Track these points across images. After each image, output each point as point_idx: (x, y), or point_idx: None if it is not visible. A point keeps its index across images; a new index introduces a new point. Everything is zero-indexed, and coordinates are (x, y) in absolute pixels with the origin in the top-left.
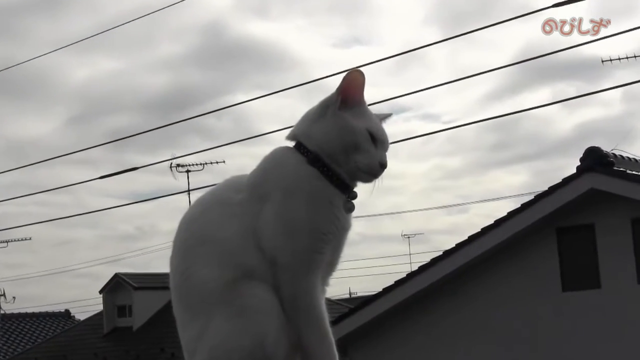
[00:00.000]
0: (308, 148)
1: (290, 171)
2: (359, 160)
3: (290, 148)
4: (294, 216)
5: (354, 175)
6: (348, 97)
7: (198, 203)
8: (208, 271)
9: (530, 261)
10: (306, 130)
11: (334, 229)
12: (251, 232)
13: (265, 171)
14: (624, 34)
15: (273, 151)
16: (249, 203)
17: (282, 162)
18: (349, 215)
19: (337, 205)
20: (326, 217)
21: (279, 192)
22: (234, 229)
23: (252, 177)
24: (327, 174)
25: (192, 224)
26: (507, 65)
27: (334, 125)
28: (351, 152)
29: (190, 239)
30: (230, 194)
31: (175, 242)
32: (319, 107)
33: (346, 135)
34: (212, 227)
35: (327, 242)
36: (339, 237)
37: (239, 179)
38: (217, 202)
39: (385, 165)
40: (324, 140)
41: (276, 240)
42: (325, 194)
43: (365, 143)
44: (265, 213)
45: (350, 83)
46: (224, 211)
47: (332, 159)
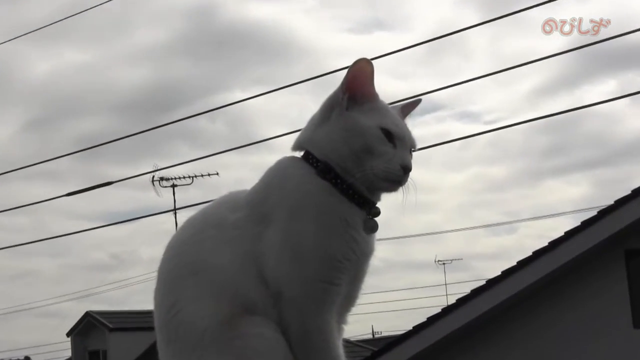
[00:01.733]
0: (317, 157)
1: (298, 185)
2: (374, 166)
3: (297, 158)
4: (302, 240)
5: (373, 186)
6: (356, 92)
7: (187, 225)
8: (201, 306)
9: (593, 291)
10: (311, 136)
11: (352, 255)
12: (252, 260)
13: (268, 186)
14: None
15: (277, 162)
16: (249, 224)
17: (288, 174)
18: (371, 236)
19: (355, 225)
20: (342, 240)
21: (285, 211)
22: (231, 255)
23: (252, 193)
24: (341, 187)
25: (181, 250)
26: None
27: (340, 128)
28: (364, 157)
29: (179, 268)
30: (226, 214)
31: (161, 272)
32: (323, 107)
33: (355, 138)
34: (204, 254)
35: (344, 271)
36: (358, 265)
37: (236, 195)
38: (211, 224)
39: (408, 167)
40: (331, 146)
41: (282, 269)
42: (340, 211)
43: (379, 144)
44: (269, 236)
45: (357, 75)
46: (218, 234)
47: (344, 168)
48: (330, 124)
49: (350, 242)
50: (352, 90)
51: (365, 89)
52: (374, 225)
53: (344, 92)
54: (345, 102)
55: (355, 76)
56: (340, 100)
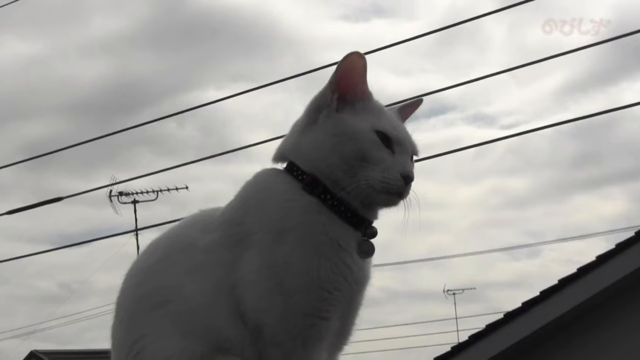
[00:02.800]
0: (302, 169)
1: (280, 202)
2: (370, 176)
3: (279, 171)
4: (286, 267)
5: (369, 200)
6: (346, 91)
7: (151, 248)
8: (167, 344)
9: (631, 327)
10: (294, 144)
11: (344, 283)
12: (226, 290)
13: (246, 203)
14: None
15: (256, 175)
16: (224, 248)
17: (269, 189)
18: (367, 261)
19: (347, 248)
20: (332, 266)
21: (265, 233)
22: (203, 284)
23: (227, 211)
24: (331, 203)
25: (144, 279)
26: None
27: (328, 133)
28: (358, 166)
29: (141, 300)
30: (197, 236)
31: (120, 304)
32: (308, 110)
33: (346, 144)
34: (171, 282)
35: (335, 303)
36: (351, 295)
37: (209, 214)
38: (179, 247)
39: (410, 176)
40: (318, 155)
41: (262, 301)
42: (330, 232)
43: (375, 150)
44: (246, 262)
45: (347, 71)
46: (188, 260)
47: (334, 180)
48: (317, 129)
49: (342, 269)
50: (342, 88)
51: (357, 87)
52: (370, 248)
53: (332, 91)
54: (334, 102)
55: (345, 73)
56: (329, 100)
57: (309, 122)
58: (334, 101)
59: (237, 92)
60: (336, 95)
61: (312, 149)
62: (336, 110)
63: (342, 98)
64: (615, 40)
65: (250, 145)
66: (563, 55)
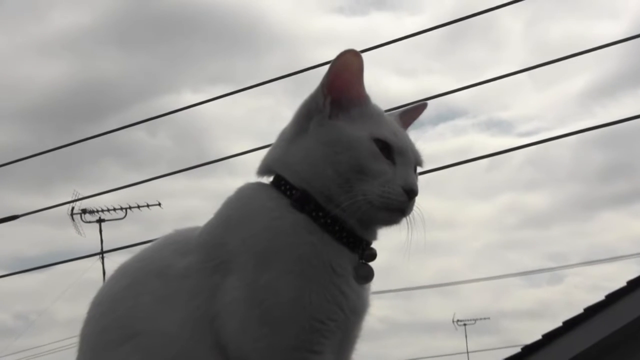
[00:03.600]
0: (291, 183)
1: (266, 221)
2: (368, 190)
3: (265, 185)
4: (273, 295)
5: (367, 218)
6: (341, 95)
7: (120, 274)
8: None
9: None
10: (282, 155)
11: (339, 313)
12: (205, 321)
13: (227, 222)
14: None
15: (239, 190)
16: (202, 274)
17: (253, 207)
18: (365, 288)
19: (343, 273)
20: (326, 294)
21: (249, 256)
22: (178, 315)
23: (206, 231)
24: (324, 221)
25: (111, 308)
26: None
27: (320, 142)
28: (354, 179)
29: (108, 332)
30: (172, 259)
31: (84, 337)
32: (297, 116)
33: (341, 154)
34: (142, 313)
35: (328, 335)
36: (347, 326)
37: (185, 234)
38: (151, 272)
39: (413, 190)
40: (309, 167)
41: (246, 334)
42: (323, 255)
43: (373, 160)
44: (228, 290)
45: (341, 72)
46: (161, 286)
47: (327, 196)
48: (308, 138)
49: (336, 296)
50: (336, 91)
51: (352, 90)
52: (369, 273)
53: (324, 94)
54: (326, 107)
55: (339, 73)
56: (320, 105)
57: (299, 130)
58: (327, 106)
59: (216, 95)
60: (329, 99)
61: (302, 160)
62: (329, 116)
63: (335, 102)
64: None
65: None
66: (589, 53)
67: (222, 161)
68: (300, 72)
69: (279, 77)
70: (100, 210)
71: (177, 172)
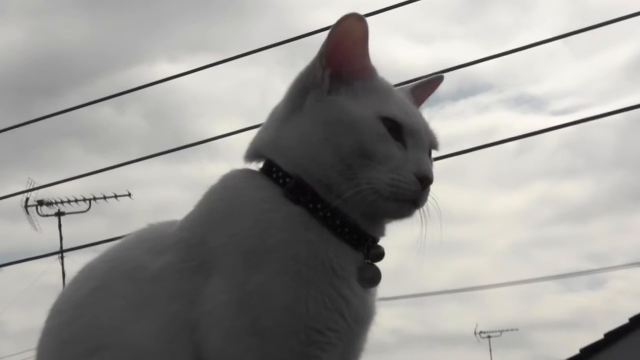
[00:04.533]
0: (284, 170)
1: (255, 214)
2: (374, 178)
3: (253, 172)
4: (263, 300)
5: (372, 210)
6: (342, 66)
7: (84, 276)
8: None
9: None
10: (274, 137)
11: (339, 321)
12: (184, 330)
13: (210, 216)
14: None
15: (223, 178)
16: (180, 275)
17: (240, 198)
18: (371, 292)
19: (345, 275)
20: (325, 299)
21: (236, 256)
22: (152, 323)
23: (185, 226)
24: (322, 215)
25: (74, 316)
26: None
27: (318, 122)
28: (358, 164)
29: (71, 344)
30: (145, 258)
31: (42, 351)
32: (291, 92)
33: (342, 136)
34: (110, 321)
35: (327, 347)
36: (350, 337)
37: (160, 230)
38: (121, 274)
39: (428, 177)
40: (305, 151)
41: (231, 345)
42: (321, 253)
43: (380, 143)
44: (211, 294)
45: (342, 40)
46: (133, 290)
47: (327, 184)
48: (303, 117)
49: (337, 302)
50: (336, 63)
51: (355, 61)
52: (375, 275)
53: (323, 66)
54: (325, 81)
55: (340, 42)
56: (318, 78)
57: (293, 108)
58: (326, 80)
59: (197, 66)
60: (328, 71)
61: (296, 143)
62: (328, 91)
63: (336, 75)
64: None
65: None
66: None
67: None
68: (295, 39)
69: (271, 46)
70: (59, 201)
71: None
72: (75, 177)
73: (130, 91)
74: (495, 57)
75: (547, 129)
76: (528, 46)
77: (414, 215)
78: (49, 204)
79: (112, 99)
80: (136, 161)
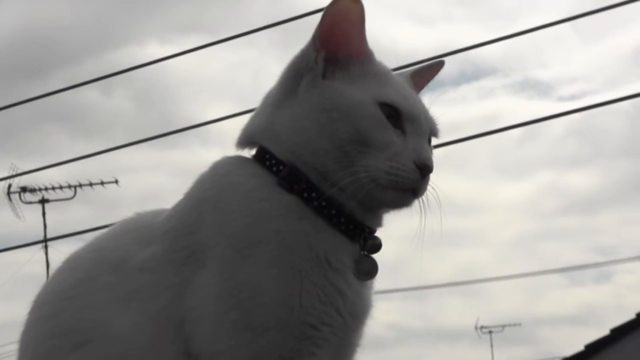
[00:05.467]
0: (277, 157)
1: (247, 204)
2: (371, 166)
3: (246, 160)
4: (255, 293)
5: (369, 199)
6: (337, 49)
7: (68, 266)
8: None
9: None
10: (267, 124)
11: (334, 316)
12: (172, 324)
13: (200, 205)
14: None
15: (214, 166)
16: (169, 267)
17: (232, 186)
18: (367, 285)
19: (340, 267)
20: (319, 292)
21: (226, 246)
22: (138, 317)
23: (174, 215)
24: (317, 204)
25: (58, 308)
26: None
27: (313, 107)
28: (355, 152)
29: (54, 338)
30: (132, 249)
31: (25, 345)
32: (285, 77)
33: (338, 122)
34: (95, 315)
35: (321, 343)
36: (345, 332)
37: (148, 219)
38: (107, 265)
39: (427, 165)
40: (300, 138)
41: (221, 341)
42: (316, 245)
43: (378, 129)
44: (200, 287)
45: (337, 21)
46: (119, 282)
47: (322, 173)
48: (298, 103)
49: (332, 295)
50: (331, 45)
51: (351, 44)
52: (372, 267)
53: (317, 48)
54: (320, 65)
55: (334, 23)
56: (312, 62)
57: (286, 93)
58: (320, 63)
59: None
60: (322, 54)
61: (290, 129)
62: (323, 75)
63: (331, 59)
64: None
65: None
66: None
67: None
68: (291, 20)
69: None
70: (43, 188)
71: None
72: (60, 163)
73: (118, 73)
74: (500, 40)
75: (553, 115)
76: (534, 29)
77: (413, 205)
78: (32, 190)
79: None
80: (124, 147)
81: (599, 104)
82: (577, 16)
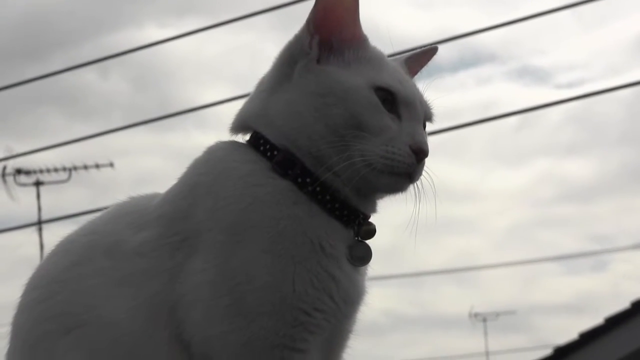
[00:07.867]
0: (271, 142)
1: (241, 188)
2: (366, 150)
3: (240, 144)
4: (247, 278)
5: (364, 184)
6: (331, 34)
7: (62, 250)
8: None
9: None
10: (261, 109)
11: (327, 302)
12: (164, 309)
13: (194, 189)
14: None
15: (208, 150)
16: (162, 251)
17: (226, 171)
18: (361, 271)
19: (334, 253)
20: (312, 278)
21: (220, 231)
22: (131, 302)
23: (168, 199)
24: (311, 189)
25: (50, 292)
26: None
27: (307, 92)
28: (349, 136)
29: (46, 322)
30: (125, 233)
31: (17, 328)
32: (279, 61)
33: (333, 107)
34: (87, 299)
35: (314, 329)
36: (338, 318)
37: (142, 203)
38: (100, 249)
39: (422, 149)
40: (294, 123)
41: (214, 326)
42: (309, 230)
43: (373, 114)
44: (193, 272)
45: (332, 5)
46: (111, 266)
47: (316, 157)
48: (292, 88)
49: (325, 281)
50: (325, 30)
51: (345, 29)
52: (366, 253)
53: (312, 34)
54: (314, 49)
55: (328, 8)
56: (306, 47)
57: (281, 78)
58: (314, 47)
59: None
60: (316, 39)
61: (285, 114)
62: (317, 60)
63: (325, 43)
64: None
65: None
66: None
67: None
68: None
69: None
70: (38, 170)
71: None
72: (55, 145)
73: (116, 56)
74: (499, 26)
75: (551, 103)
76: (533, 16)
77: (408, 190)
78: (27, 172)
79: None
80: (119, 129)
81: (598, 92)
82: (577, 3)
